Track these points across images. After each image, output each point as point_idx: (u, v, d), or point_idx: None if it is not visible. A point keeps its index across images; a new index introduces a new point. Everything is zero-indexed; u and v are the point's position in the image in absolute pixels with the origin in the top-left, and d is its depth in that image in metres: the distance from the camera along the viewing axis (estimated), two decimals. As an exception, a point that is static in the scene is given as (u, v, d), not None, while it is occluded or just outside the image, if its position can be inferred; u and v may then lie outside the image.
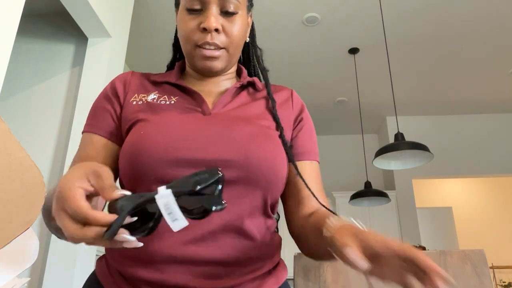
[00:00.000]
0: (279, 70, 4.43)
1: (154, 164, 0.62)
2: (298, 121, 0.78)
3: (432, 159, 2.88)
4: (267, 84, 0.79)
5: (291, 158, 0.71)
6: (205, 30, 0.69)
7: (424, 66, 4.40)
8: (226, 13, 0.71)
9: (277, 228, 0.75)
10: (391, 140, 5.37)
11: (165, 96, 0.74)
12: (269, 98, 0.76)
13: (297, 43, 3.98)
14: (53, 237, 2.37)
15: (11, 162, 0.44)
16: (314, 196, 0.70)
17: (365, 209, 5.27)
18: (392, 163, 3.07)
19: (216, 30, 0.69)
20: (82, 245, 2.25)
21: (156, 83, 0.77)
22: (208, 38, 0.69)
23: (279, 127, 0.72)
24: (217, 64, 0.72)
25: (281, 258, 0.72)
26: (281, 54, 4.15)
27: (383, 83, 4.71)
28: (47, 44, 3.11)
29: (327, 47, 4.05)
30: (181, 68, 0.81)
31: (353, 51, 4.09)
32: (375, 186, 5.65)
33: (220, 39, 0.70)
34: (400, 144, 2.72)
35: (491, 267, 6.32)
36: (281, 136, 0.72)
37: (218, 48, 0.71)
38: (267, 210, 0.68)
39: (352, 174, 5.84)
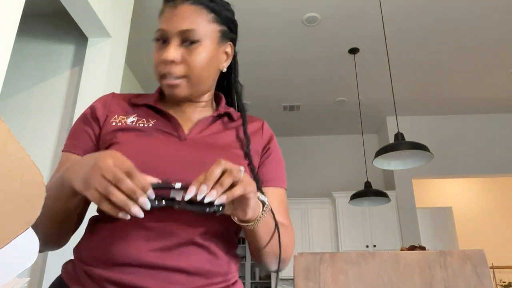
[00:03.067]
0: (279, 70, 4.44)
1: None
2: (265, 150, 0.84)
3: (432, 159, 2.88)
4: (244, 121, 0.83)
5: (259, 186, 0.76)
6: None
7: (424, 66, 4.40)
8: (189, 43, 0.75)
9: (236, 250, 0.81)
10: (391, 140, 5.37)
11: (143, 119, 0.78)
12: (243, 129, 0.82)
13: (297, 43, 3.98)
14: (53, 237, 2.37)
15: (11, 162, 0.44)
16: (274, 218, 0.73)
17: (365, 209, 5.27)
18: (392, 163, 3.07)
19: (173, 61, 0.74)
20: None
21: (135, 105, 0.81)
22: (167, 69, 0.75)
23: (248, 157, 0.78)
24: (179, 92, 0.76)
25: (238, 279, 0.78)
26: (281, 54, 4.15)
27: (383, 83, 4.71)
28: (47, 44, 3.11)
29: (327, 47, 4.05)
30: (161, 92, 0.86)
31: (353, 51, 4.09)
32: (375, 186, 5.65)
33: (178, 69, 0.75)
34: (400, 144, 2.72)
35: (491, 267, 6.32)
36: (250, 165, 0.77)
37: (178, 77, 0.75)
38: (230, 231, 0.74)
39: (352, 174, 5.84)
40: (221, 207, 0.60)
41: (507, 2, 3.42)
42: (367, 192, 3.81)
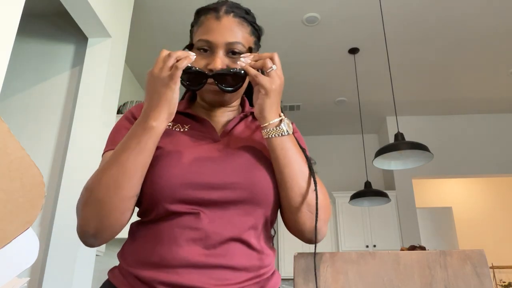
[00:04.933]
0: (279, 70, 4.43)
1: (172, 187, 0.71)
2: None
3: (432, 159, 2.87)
4: None
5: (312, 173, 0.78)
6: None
7: (424, 66, 4.40)
8: (232, 54, 0.81)
9: (272, 243, 0.85)
10: (391, 140, 5.37)
11: (178, 124, 0.84)
12: None
13: (297, 43, 3.98)
14: (53, 237, 2.37)
15: (11, 162, 0.44)
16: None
17: (365, 209, 5.27)
18: (392, 163, 3.07)
19: None
20: (82, 246, 2.22)
21: None
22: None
23: None
24: (221, 100, 0.83)
25: (275, 269, 0.82)
26: (281, 54, 4.14)
27: (383, 83, 4.71)
28: (47, 44, 3.11)
29: (327, 47, 4.05)
30: (190, 99, 0.91)
31: (353, 51, 4.09)
32: (375, 186, 5.65)
33: None
34: (400, 144, 2.72)
35: (491, 267, 6.32)
36: None
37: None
38: (267, 226, 0.80)
39: (352, 174, 5.84)
40: (242, 72, 0.76)
41: (507, 2, 3.42)
42: (367, 192, 3.81)
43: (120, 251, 0.77)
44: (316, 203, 0.74)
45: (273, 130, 0.75)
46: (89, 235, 0.71)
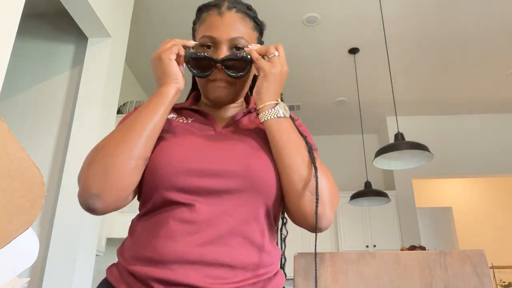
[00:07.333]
0: (279, 70, 4.43)
1: (170, 173, 0.71)
2: None
3: (432, 159, 2.87)
4: None
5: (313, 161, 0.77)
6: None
7: (424, 66, 4.40)
8: (235, 49, 0.81)
9: (283, 243, 0.83)
10: (391, 140, 5.37)
11: (183, 116, 0.86)
12: None
13: (297, 43, 3.98)
14: (53, 237, 2.37)
15: (11, 162, 0.44)
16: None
17: (365, 209, 5.27)
18: (392, 163, 3.07)
19: None
20: (82, 246, 2.23)
21: (173, 109, 0.88)
22: (218, 74, 0.80)
23: None
24: (226, 97, 0.82)
25: (280, 269, 0.79)
26: (281, 54, 4.15)
27: (383, 83, 4.71)
28: (47, 44, 3.11)
29: (327, 47, 4.05)
30: (195, 98, 0.93)
31: (353, 51, 4.09)
32: (375, 186, 5.65)
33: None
34: (400, 144, 2.72)
35: (491, 267, 6.32)
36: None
37: (227, 83, 0.81)
38: (270, 220, 0.76)
39: (352, 174, 5.84)
40: (249, 56, 0.78)
41: (507, 2, 3.42)
42: (367, 192, 3.81)
43: (120, 247, 0.76)
44: (316, 184, 0.70)
45: (268, 112, 0.75)
46: (92, 194, 0.67)
